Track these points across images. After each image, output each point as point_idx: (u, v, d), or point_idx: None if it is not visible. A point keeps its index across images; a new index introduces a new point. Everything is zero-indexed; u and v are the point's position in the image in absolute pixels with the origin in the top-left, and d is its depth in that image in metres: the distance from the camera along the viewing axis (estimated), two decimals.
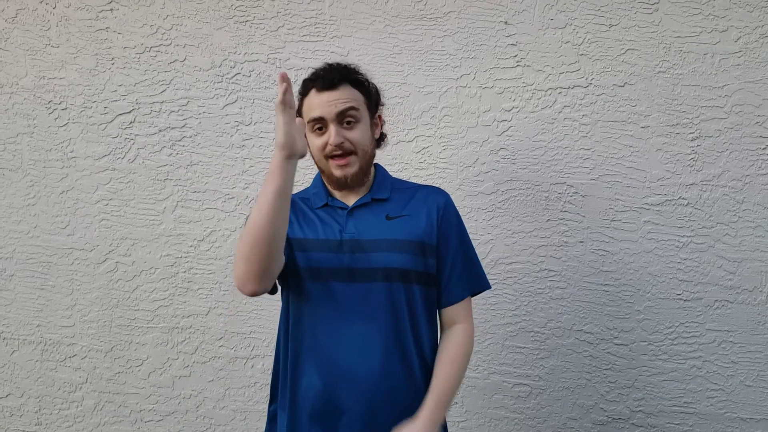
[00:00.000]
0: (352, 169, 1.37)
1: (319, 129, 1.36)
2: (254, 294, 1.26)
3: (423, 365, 1.39)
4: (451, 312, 1.43)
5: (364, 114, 1.39)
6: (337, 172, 1.37)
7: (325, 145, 1.35)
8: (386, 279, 1.34)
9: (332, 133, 1.33)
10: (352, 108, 1.35)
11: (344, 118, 1.35)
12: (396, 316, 1.34)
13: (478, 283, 1.47)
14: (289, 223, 1.39)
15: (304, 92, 1.41)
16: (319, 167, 1.41)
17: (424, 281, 1.39)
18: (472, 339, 1.43)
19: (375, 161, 1.49)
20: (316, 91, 1.36)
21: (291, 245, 1.37)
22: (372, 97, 1.43)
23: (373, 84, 1.45)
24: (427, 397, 1.34)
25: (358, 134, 1.36)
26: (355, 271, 1.34)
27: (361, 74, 1.43)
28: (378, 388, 1.31)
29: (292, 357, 1.37)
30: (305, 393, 1.34)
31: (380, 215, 1.39)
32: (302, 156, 1.21)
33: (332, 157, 1.36)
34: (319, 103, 1.35)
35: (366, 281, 1.33)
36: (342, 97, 1.35)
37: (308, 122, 1.37)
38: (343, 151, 1.35)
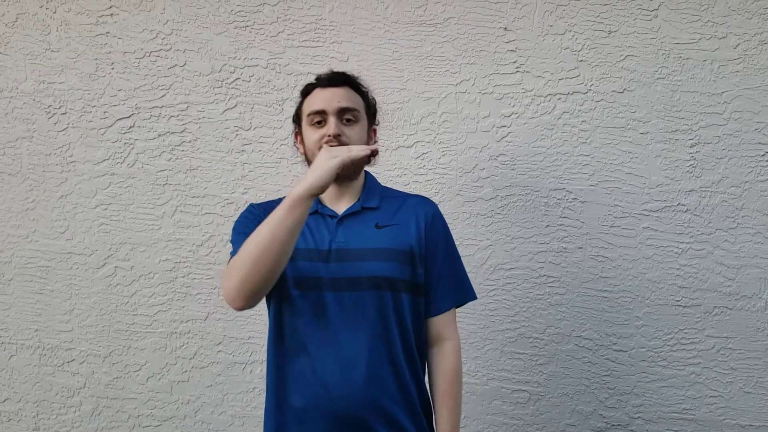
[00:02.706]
0: None
1: (318, 123, 1.39)
2: (241, 309, 1.27)
3: (413, 372, 1.38)
4: (438, 323, 1.43)
5: (363, 118, 1.43)
6: None
7: (322, 137, 1.36)
8: (375, 288, 1.33)
9: (331, 125, 1.36)
10: (353, 108, 1.40)
11: (344, 115, 1.38)
12: (385, 325, 1.34)
13: (465, 294, 1.47)
14: None
15: (306, 92, 1.45)
16: (311, 164, 1.41)
17: (412, 290, 1.39)
18: (460, 356, 1.44)
19: (366, 168, 1.50)
20: (320, 88, 1.41)
21: None
22: (371, 108, 1.48)
23: (373, 97, 1.50)
24: None
25: (356, 133, 1.40)
26: (343, 280, 1.33)
27: (363, 85, 1.48)
28: (368, 397, 1.30)
29: (279, 366, 1.36)
30: (294, 402, 1.33)
31: (370, 224, 1.39)
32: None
33: None
34: (322, 98, 1.39)
35: (354, 290, 1.33)
36: (345, 95, 1.40)
37: (308, 116, 1.40)
38: (339, 144, 1.35)
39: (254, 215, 1.42)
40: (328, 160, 1.22)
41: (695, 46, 1.90)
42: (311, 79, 1.49)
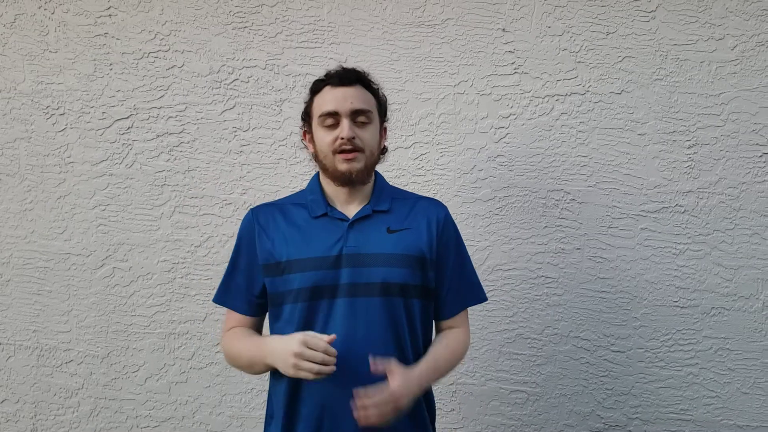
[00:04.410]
0: (358, 165, 1.35)
1: (330, 124, 1.35)
2: None
3: None
4: (449, 324, 1.45)
5: (375, 118, 1.40)
6: (343, 166, 1.34)
7: (335, 139, 1.33)
8: (385, 294, 1.32)
9: (345, 127, 1.33)
10: (367, 110, 1.36)
11: (358, 117, 1.35)
12: (396, 331, 1.33)
13: (476, 296, 1.47)
14: (281, 242, 1.37)
15: (315, 90, 1.40)
16: (322, 165, 1.38)
17: (423, 295, 1.37)
18: (468, 340, 1.46)
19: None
20: (331, 87, 1.36)
21: (283, 268, 1.34)
22: (382, 106, 1.44)
23: (383, 94, 1.46)
24: (422, 359, 1.35)
25: (369, 135, 1.37)
26: (355, 286, 1.31)
27: (374, 82, 1.44)
28: None
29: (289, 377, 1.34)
30: (305, 408, 1.32)
31: (381, 228, 1.37)
32: None
33: (341, 152, 1.34)
34: (334, 98, 1.35)
35: (366, 296, 1.31)
36: (358, 96, 1.36)
37: (319, 117, 1.36)
38: (353, 147, 1.33)
39: (239, 245, 1.45)
40: (289, 368, 1.24)
41: (693, 48, 1.91)
42: (310, 80, 1.47)
